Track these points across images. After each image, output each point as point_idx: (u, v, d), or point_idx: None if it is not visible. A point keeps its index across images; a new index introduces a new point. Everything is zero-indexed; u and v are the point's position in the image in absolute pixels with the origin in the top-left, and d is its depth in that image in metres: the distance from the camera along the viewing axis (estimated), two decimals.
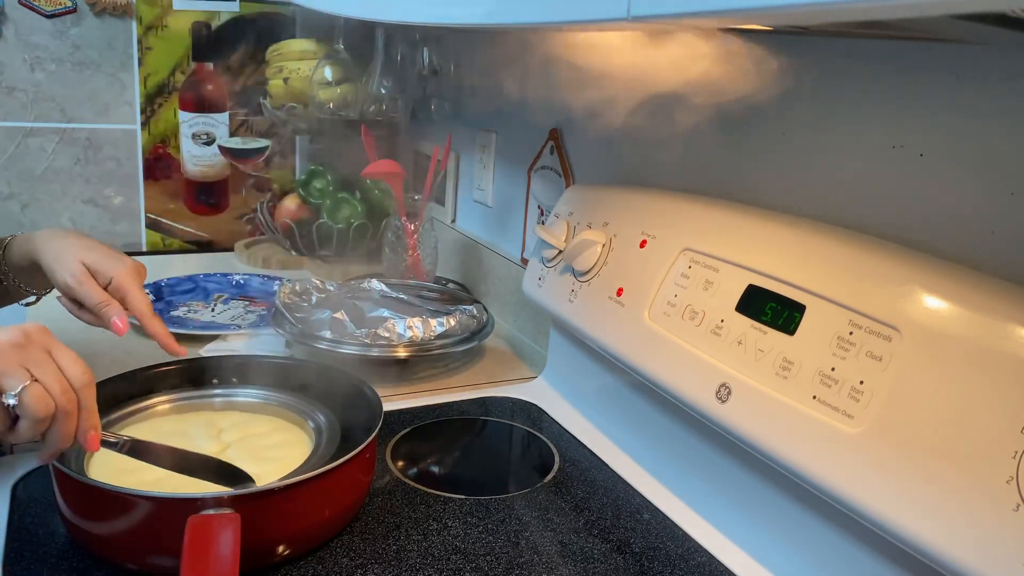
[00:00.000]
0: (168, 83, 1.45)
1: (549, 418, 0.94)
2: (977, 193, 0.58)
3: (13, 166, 1.39)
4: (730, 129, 0.80)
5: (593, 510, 0.75)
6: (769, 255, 0.66)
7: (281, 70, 1.41)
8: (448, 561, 0.65)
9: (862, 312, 0.57)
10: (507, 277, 1.22)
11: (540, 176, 1.13)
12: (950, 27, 0.48)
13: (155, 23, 1.42)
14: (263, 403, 0.80)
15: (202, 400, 0.80)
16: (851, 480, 0.54)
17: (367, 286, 1.14)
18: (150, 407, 0.78)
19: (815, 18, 0.43)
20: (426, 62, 1.27)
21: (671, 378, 0.71)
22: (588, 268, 0.85)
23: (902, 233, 0.63)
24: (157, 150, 1.47)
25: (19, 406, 0.54)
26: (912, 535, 0.50)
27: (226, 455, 0.71)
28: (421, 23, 0.72)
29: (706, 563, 0.68)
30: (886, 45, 0.64)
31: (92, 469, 0.67)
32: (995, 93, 0.57)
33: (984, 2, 0.31)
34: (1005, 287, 0.52)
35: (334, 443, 0.72)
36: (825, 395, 0.57)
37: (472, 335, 1.03)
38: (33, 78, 1.36)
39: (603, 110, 1.00)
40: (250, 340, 1.07)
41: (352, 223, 1.40)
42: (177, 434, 0.74)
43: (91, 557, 0.63)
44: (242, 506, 0.58)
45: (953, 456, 0.49)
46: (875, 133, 0.65)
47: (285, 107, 1.41)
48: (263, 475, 0.67)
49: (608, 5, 0.44)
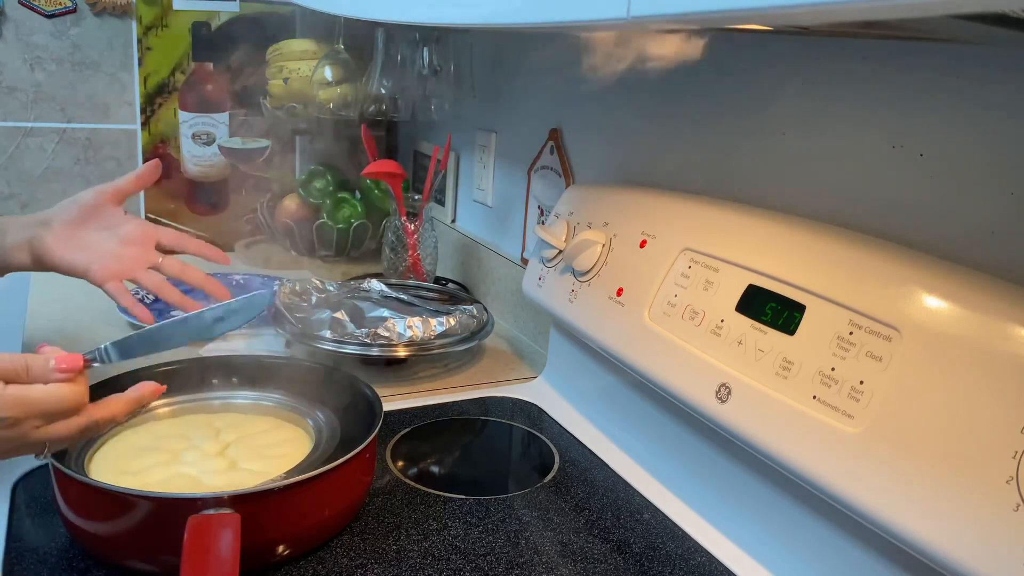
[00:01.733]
0: (168, 83, 1.45)
1: (549, 418, 0.94)
2: (977, 193, 0.58)
3: (13, 166, 1.39)
4: (730, 129, 0.80)
5: (593, 510, 0.75)
6: (769, 255, 0.66)
7: (281, 70, 1.40)
8: (448, 561, 0.65)
9: (862, 312, 0.57)
10: (507, 277, 1.22)
11: (540, 176, 1.13)
12: (950, 27, 0.48)
13: (155, 23, 1.42)
14: (261, 403, 0.80)
15: (200, 402, 0.80)
16: (851, 480, 0.54)
17: (367, 286, 1.14)
18: (149, 409, 0.77)
19: (815, 18, 0.43)
20: (426, 62, 1.27)
21: (671, 378, 0.71)
22: (588, 268, 0.85)
23: (902, 233, 0.63)
24: (157, 150, 1.47)
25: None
26: (912, 535, 0.50)
27: (227, 454, 0.71)
28: (421, 23, 0.72)
29: (706, 563, 0.68)
30: (886, 45, 0.64)
31: (92, 469, 0.67)
32: (995, 93, 0.57)
33: (984, 2, 0.31)
34: (1005, 287, 0.52)
35: (334, 440, 0.72)
36: (825, 395, 0.57)
37: (472, 335, 1.03)
38: (33, 78, 1.36)
39: (603, 110, 1.00)
40: (250, 340, 1.07)
41: (352, 223, 1.40)
42: (176, 436, 0.74)
43: (91, 557, 0.63)
44: (242, 506, 0.58)
45: (953, 456, 0.49)
46: (875, 133, 0.65)
47: (285, 107, 1.41)
48: (267, 472, 0.67)
49: (608, 5, 0.44)
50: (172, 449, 0.71)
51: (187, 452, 0.71)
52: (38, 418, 0.56)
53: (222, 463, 0.70)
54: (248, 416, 0.79)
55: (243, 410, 0.80)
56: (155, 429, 0.75)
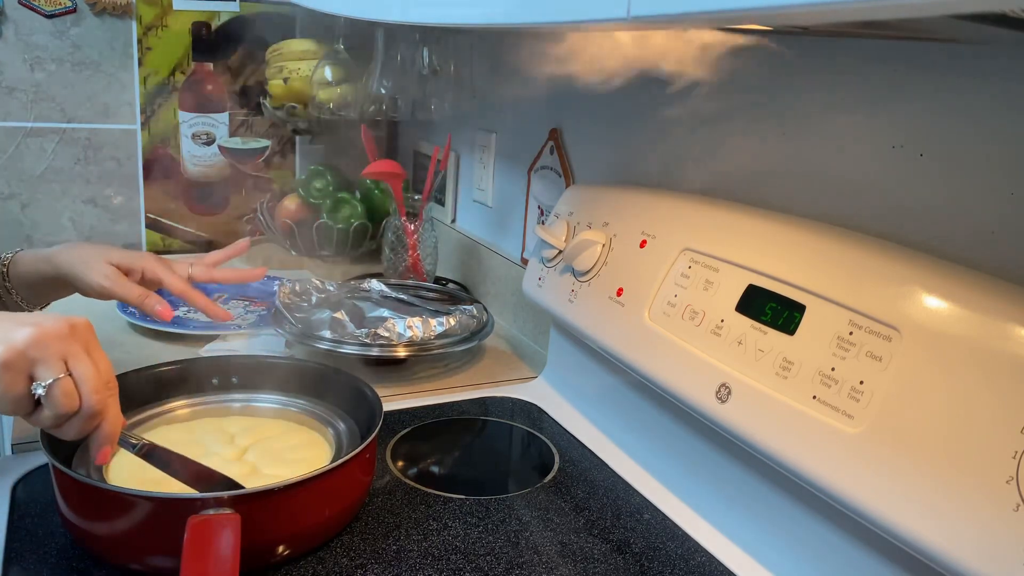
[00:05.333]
0: (168, 83, 1.45)
1: (549, 418, 0.94)
2: (977, 193, 0.58)
3: (13, 166, 1.39)
4: (730, 129, 0.80)
5: (593, 510, 0.75)
6: (769, 255, 0.66)
7: (281, 70, 1.41)
8: (448, 561, 0.65)
9: (862, 312, 0.57)
10: (507, 277, 1.22)
11: (540, 176, 1.13)
12: (950, 27, 0.48)
13: (155, 23, 1.42)
14: (267, 407, 0.80)
15: (206, 406, 0.80)
16: (851, 480, 0.54)
17: (367, 286, 1.14)
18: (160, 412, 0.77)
19: (815, 18, 0.43)
20: (426, 62, 1.27)
21: (671, 378, 0.71)
22: (588, 268, 0.85)
23: (902, 233, 0.63)
24: (157, 150, 1.47)
25: (46, 396, 0.54)
26: (912, 535, 0.50)
27: (245, 459, 0.71)
28: (421, 23, 0.72)
29: (706, 563, 0.68)
30: (886, 45, 0.64)
31: (111, 477, 0.67)
32: (995, 93, 0.57)
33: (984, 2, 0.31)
34: (1005, 287, 0.52)
35: (355, 444, 0.71)
36: (825, 395, 0.57)
37: (472, 335, 1.03)
38: (33, 78, 1.36)
39: (603, 110, 1.00)
40: (250, 340, 1.07)
41: (352, 223, 1.40)
42: (190, 442, 0.73)
43: (91, 557, 0.63)
44: (242, 506, 0.58)
45: (953, 456, 0.49)
46: (875, 133, 0.65)
47: (285, 107, 1.41)
48: (291, 476, 0.66)
49: (608, 5, 0.44)
50: (189, 456, 0.70)
51: (204, 458, 0.69)
52: (80, 359, 0.55)
53: (244, 468, 0.69)
54: (259, 420, 0.79)
55: (252, 413, 0.80)
56: (167, 435, 0.74)
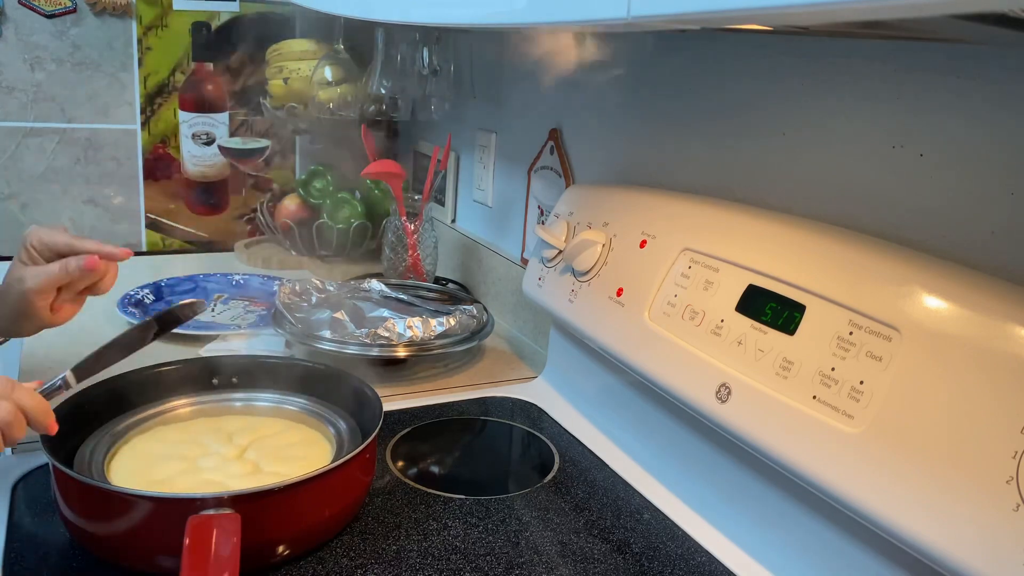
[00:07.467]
0: (168, 83, 1.45)
1: (549, 418, 0.94)
2: (977, 193, 0.58)
3: (13, 166, 1.39)
4: (730, 129, 0.80)
5: (593, 510, 0.75)
6: (769, 255, 0.66)
7: (281, 70, 1.41)
8: (448, 561, 0.65)
9: (862, 312, 0.57)
10: (507, 277, 1.22)
11: (540, 176, 1.13)
12: (950, 27, 0.48)
13: (155, 23, 1.42)
14: (267, 406, 0.80)
15: (203, 405, 0.80)
16: (851, 480, 0.54)
17: (367, 286, 1.14)
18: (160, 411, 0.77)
19: (815, 18, 0.43)
20: (426, 62, 1.27)
21: (671, 378, 0.71)
22: (588, 268, 0.85)
23: (902, 233, 0.63)
24: (157, 150, 1.47)
25: None
26: (912, 535, 0.50)
27: (246, 457, 0.71)
28: (421, 23, 0.72)
29: (706, 563, 0.68)
30: (886, 45, 0.64)
31: (113, 479, 0.67)
32: (995, 93, 0.57)
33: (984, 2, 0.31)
34: (1005, 287, 0.52)
35: (356, 442, 0.72)
36: (825, 395, 0.57)
37: (472, 335, 1.03)
38: (33, 78, 1.36)
39: (603, 110, 1.00)
40: (250, 340, 1.07)
41: (352, 223, 1.40)
42: (189, 442, 0.73)
43: (91, 557, 0.63)
44: (242, 506, 0.58)
45: (953, 456, 0.49)
46: (875, 133, 0.65)
47: (285, 107, 1.41)
48: (293, 474, 0.64)
49: (608, 5, 0.44)
50: (189, 456, 0.71)
51: (204, 458, 0.70)
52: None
53: (245, 467, 0.69)
54: (259, 419, 0.79)
55: (252, 413, 0.80)
56: (165, 435, 0.75)
